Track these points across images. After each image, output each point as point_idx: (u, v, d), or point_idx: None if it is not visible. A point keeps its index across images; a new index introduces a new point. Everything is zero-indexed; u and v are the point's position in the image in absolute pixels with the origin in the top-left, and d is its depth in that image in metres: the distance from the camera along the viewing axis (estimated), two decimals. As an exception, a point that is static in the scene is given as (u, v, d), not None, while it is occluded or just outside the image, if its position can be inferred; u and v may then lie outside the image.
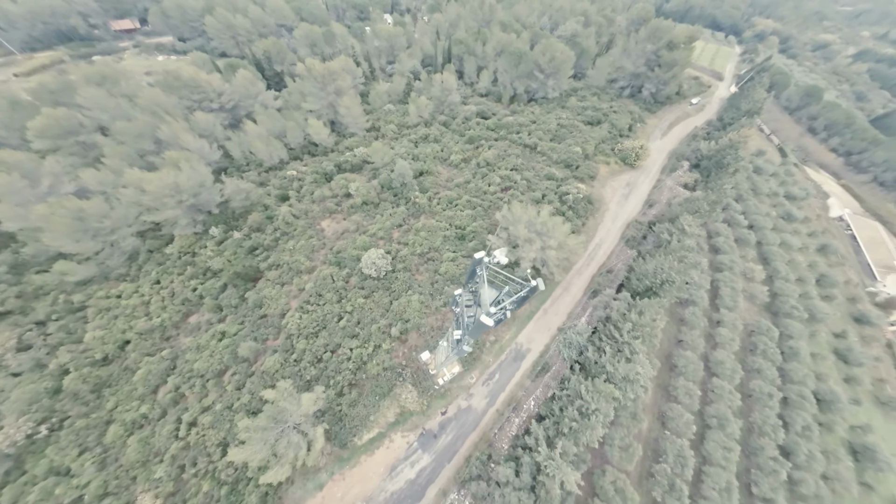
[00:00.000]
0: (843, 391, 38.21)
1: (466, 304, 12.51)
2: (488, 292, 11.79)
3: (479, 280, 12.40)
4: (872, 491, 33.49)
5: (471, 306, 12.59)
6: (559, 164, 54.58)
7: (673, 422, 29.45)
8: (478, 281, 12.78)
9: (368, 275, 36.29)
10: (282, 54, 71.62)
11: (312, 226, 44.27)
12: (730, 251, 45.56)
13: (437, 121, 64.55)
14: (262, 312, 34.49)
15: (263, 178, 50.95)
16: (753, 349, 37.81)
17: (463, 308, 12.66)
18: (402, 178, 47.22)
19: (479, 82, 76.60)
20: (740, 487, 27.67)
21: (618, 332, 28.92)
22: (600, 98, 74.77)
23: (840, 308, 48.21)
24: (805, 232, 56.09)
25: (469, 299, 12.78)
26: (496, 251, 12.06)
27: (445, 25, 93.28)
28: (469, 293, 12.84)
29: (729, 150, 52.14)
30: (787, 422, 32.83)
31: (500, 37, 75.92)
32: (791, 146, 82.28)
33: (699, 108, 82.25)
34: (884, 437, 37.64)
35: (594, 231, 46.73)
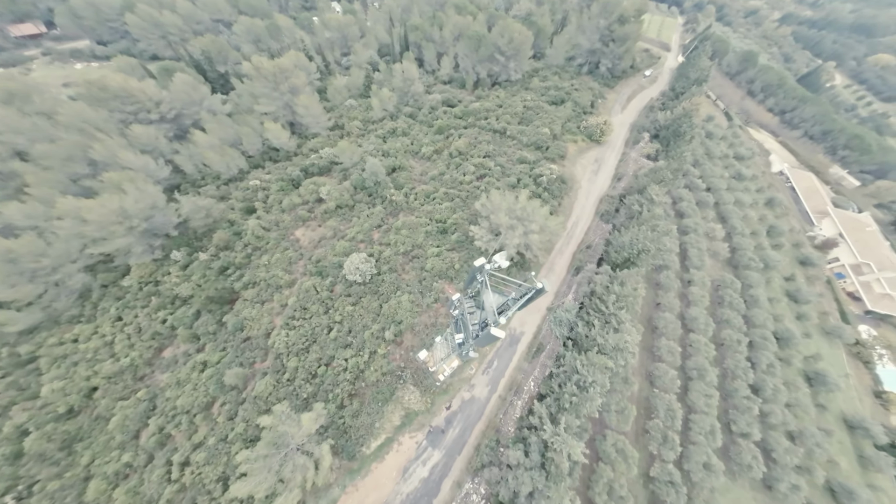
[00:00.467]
0: (796, 328, 42.99)
1: (469, 311, 12.28)
2: (492, 298, 11.59)
3: (482, 286, 12.19)
4: (826, 410, 38.46)
5: (473, 312, 12.37)
6: (530, 147, 55.12)
7: (660, 379, 31.77)
8: (479, 287, 12.58)
9: (353, 281, 35.17)
10: (223, 53, 65.53)
11: (286, 237, 41.93)
12: (693, 214, 48.82)
13: (403, 113, 62.57)
14: (245, 335, 32.57)
15: (224, 192, 47.21)
16: (721, 302, 41.30)
17: (465, 314, 12.44)
18: (375, 177, 45.63)
19: (440, 69, 74.75)
20: (721, 428, 30.62)
21: (603, 305, 30.32)
22: (561, 77, 75.71)
23: (788, 254, 53.66)
24: (754, 189, 61.21)
25: (471, 305, 12.55)
26: (496, 256, 11.90)
27: (398, 11, 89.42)
28: (469, 298, 12.60)
29: (684, 118, 55.08)
30: (754, 362, 36.50)
31: (456, 20, 74.00)
32: (735, 109, 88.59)
33: (652, 79, 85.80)
34: (830, 362, 43.07)
35: (570, 209, 48.11)
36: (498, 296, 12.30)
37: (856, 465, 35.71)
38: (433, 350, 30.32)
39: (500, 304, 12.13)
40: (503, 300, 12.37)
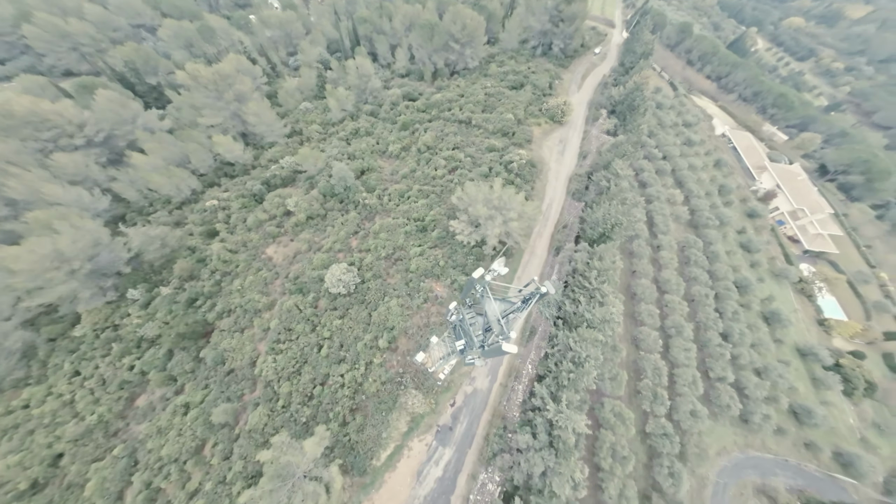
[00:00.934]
0: (751, 275, 47.62)
1: (470, 322, 12.04)
2: (495, 306, 11.39)
3: (482, 296, 11.94)
4: (783, 343, 43.30)
5: (474, 323, 12.14)
6: (497, 134, 55.32)
7: (644, 342, 33.99)
8: (477, 296, 12.32)
9: (338, 293, 33.88)
10: (151, 62, 58.89)
11: (256, 257, 39.36)
12: (654, 183, 51.86)
13: (364, 112, 60.16)
14: (228, 368, 30.49)
15: (178, 217, 43.21)
16: (687, 261, 44.65)
17: (465, 323, 12.19)
18: (344, 182, 43.74)
19: (395, 62, 72.34)
20: (701, 376, 33.53)
21: (586, 281, 31.62)
22: (517, 60, 76.13)
23: (737, 209, 58.90)
24: (703, 152, 66.05)
25: (471, 315, 12.31)
26: (494, 264, 11.70)
27: (343, 4, 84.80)
28: (468, 307, 12.35)
29: (636, 92, 57.73)
30: (721, 312, 40.08)
31: (405, 10, 71.55)
32: (678, 79, 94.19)
33: (602, 56, 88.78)
34: (781, 301, 48.34)
35: (543, 192, 49.23)
36: (500, 302, 12.13)
37: (810, 387, 40.78)
38: (430, 350, 30.16)
39: (503, 310, 12.01)
40: (505, 307, 12.24)
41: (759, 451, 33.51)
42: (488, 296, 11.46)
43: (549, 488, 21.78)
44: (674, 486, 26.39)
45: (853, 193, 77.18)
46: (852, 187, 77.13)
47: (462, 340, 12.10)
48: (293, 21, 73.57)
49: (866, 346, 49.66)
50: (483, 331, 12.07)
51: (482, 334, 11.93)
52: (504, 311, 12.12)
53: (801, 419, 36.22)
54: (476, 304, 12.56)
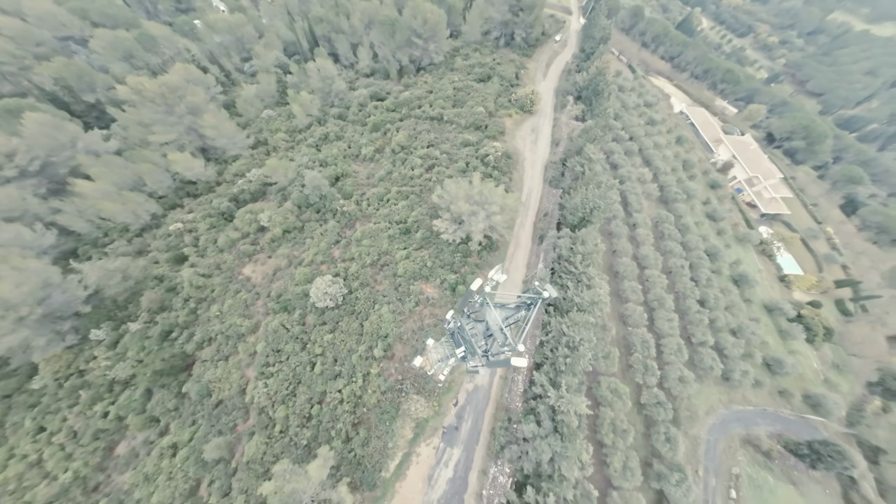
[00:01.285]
0: (719, 242, 50.89)
1: (472, 333, 11.73)
2: (496, 314, 11.10)
3: (482, 307, 11.63)
4: (751, 302, 46.69)
5: (476, 333, 11.83)
6: (470, 128, 55.17)
7: (631, 318, 35.49)
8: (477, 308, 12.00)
9: (325, 307, 32.71)
10: (86, 78, 53.55)
11: (233, 278, 37.22)
12: (625, 164, 53.85)
13: (331, 115, 58.02)
14: (215, 400, 28.77)
15: (139, 245, 39.98)
16: (662, 236, 46.92)
17: (465, 332, 11.89)
18: (319, 190, 42.09)
19: (358, 62, 70.16)
20: (685, 343, 35.52)
21: (572, 266, 32.43)
22: (482, 52, 76.07)
23: (700, 182, 62.45)
24: (665, 130, 69.34)
25: (471, 324, 12.01)
26: (492, 273, 11.45)
27: (296, 3, 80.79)
28: (466, 316, 12.06)
29: (599, 77, 59.38)
30: (696, 280, 42.56)
31: (363, 6, 69.29)
32: (635, 61, 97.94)
33: (563, 43, 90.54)
34: (747, 263, 52.08)
35: (521, 183, 49.82)
36: (500, 309, 11.87)
37: (778, 339, 44.41)
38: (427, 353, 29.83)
39: (505, 317, 11.80)
40: (507, 313, 12.03)
41: (741, 405, 36.18)
42: (488, 304, 11.20)
43: (558, 472, 22.37)
44: (671, 451, 27.94)
45: (797, 157, 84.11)
46: (796, 152, 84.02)
47: (462, 347, 11.82)
48: (243, 24, 69.25)
49: (821, 295, 54.71)
50: (484, 337, 11.81)
51: (484, 341, 11.66)
52: (506, 318, 11.93)
53: (773, 370, 39.41)
54: (475, 311, 12.28)
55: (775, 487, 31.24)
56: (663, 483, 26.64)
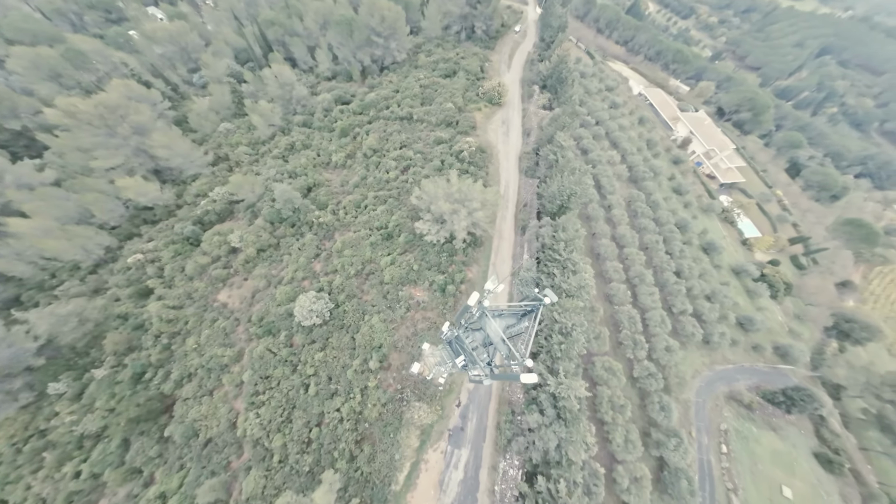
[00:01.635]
0: (687, 214, 53.91)
1: (472, 346, 11.33)
2: (496, 325, 10.72)
3: (481, 319, 11.20)
4: (720, 268, 49.88)
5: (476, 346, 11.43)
6: (441, 126, 54.62)
7: (616, 296, 36.83)
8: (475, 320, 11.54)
9: (312, 324, 31.35)
10: (6, 103, 47.72)
11: (208, 307, 34.82)
12: (594, 148, 55.51)
13: (295, 123, 55.41)
14: (203, 439, 26.89)
15: (95, 284, 36.46)
16: (635, 214, 48.93)
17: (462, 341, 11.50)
18: (291, 204, 40.12)
19: (318, 65, 67.38)
20: (666, 314, 37.38)
21: (556, 254, 33.04)
22: (444, 48, 75.39)
23: (664, 159, 65.70)
24: (627, 112, 72.10)
25: (471, 337, 11.61)
26: (488, 284, 11.07)
27: (242, 6, 76.06)
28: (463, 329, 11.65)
29: (561, 65, 60.59)
30: (670, 253, 44.81)
31: (316, 6, 66.37)
32: (593, 47, 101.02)
33: (523, 34, 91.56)
34: (713, 231, 55.58)
35: (498, 176, 50.06)
36: (500, 318, 11.54)
37: (747, 299, 47.89)
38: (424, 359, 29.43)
39: (506, 326, 11.50)
40: (508, 322, 11.74)
41: (721, 364, 38.74)
42: (486, 316, 10.84)
43: (566, 458, 22.87)
44: (666, 418, 29.40)
45: (745, 128, 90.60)
46: (744, 123, 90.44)
47: (462, 357, 11.47)
48: (186, 32, 64.25)
49: (778, 253, 59.50)
50: (485, 346, 11.49)
51: (486, 353, 11.31)
52: (507, 327, 11.66)
53: (745, 328, 42.45)
54: (473, 323, 11.93)
55: (759, 436, 33.81)
56: (662, 449, 28.01)
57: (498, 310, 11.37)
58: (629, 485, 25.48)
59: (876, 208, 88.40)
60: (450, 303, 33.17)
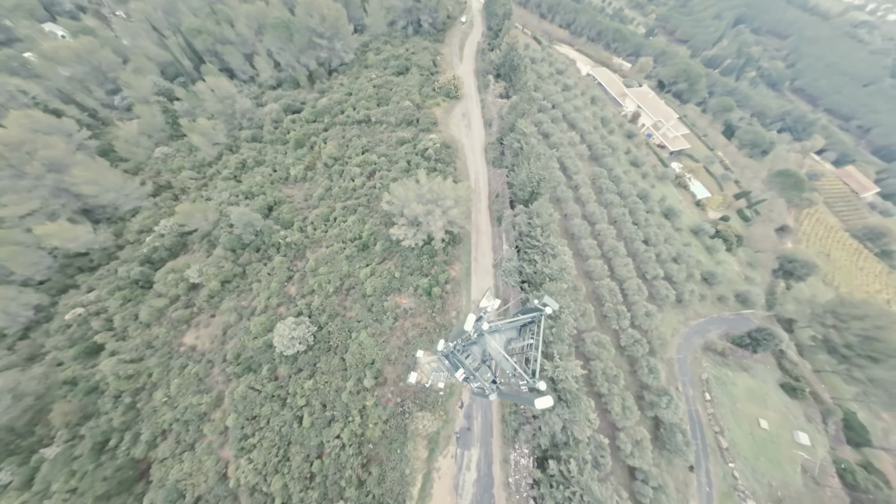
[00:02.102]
0: (646, 184, 57.25)
1: (474, 368, 10.64)
2: (497, 343, 9.96)
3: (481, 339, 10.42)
4: (681, 230, 53.62)
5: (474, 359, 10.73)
6: (401, 125, 53.13)
7: (595, 272, 38.29)
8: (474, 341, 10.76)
9: (296, 352, 29.39)
10: None
11: (173, 353, 31.51)
12: (554, 131, 56.94)
13: (243, 139, 51.27)
14: (191, 499, 24.42)
15: (28, 350, 31.69)
16: (601, 191, 51.03)
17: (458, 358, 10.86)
18: (252, 227, 37.12)
19: (259, 73, 62.64)
20: (642, 281, 39.54)
21: (534, 240, 33.52)
22: (392, 45, 73.21)
23: (619, 134, 69.03)
24: (580, 93, 74.74)
25: (471, 358, 10.93)
26: (483, 301, 10.43)
27: (159, 15, 68.52)
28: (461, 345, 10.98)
29: (512, 53, 61.12)
30: (637, 223, 47.37)
31: (246, 10, 61.32)
32: (539, 33, 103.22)
33: (470, 24, 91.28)
34: (670, 197, 59.54)
35: (466, 170, 49.75)
36: (499, 334, 10.86)
37: (707, 255, 52.03)
38: (420, 367, 28.84)
39: (507, 341, 10.94)
40: (508, 336, 11.14)
41: (694, 319, 41.87)
42: (486, 336, 10.09)
43: (572, 438, 23.48)
44: (655, 379, 31.22)
45: (683, 97, 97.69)
46: (682, 93, 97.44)
47: (461, 370, 10.87)
48: (96, 49, 56.61)
49: (727, 210, 65.21)
50: (484, 363, 10.85)
51: (489, 371, 10.64)
52: (508, 341, 11.13)
53: (709, 282, 46.14)
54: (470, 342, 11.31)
55: (734, 378, 37.08)
56: (656, 409, 29.76)
57: (494, 325, 10.70)
58: (632, 449, 26.80)
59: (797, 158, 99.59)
60: (438, 305, 32.59)
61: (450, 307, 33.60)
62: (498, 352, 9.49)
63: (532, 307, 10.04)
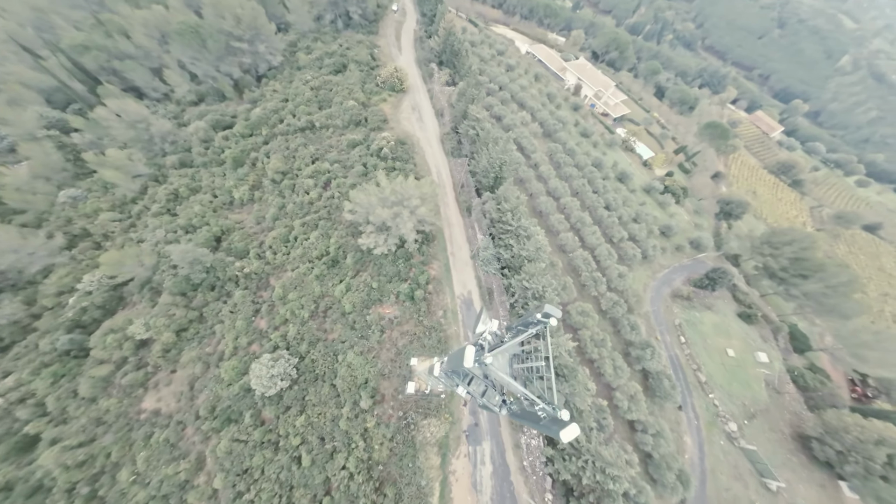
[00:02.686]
0: (597, 153, 59.95)
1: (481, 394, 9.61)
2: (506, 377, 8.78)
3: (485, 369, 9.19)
4: (635, 191, 57.20)
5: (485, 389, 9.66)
6: (350, 127, 49.99)
7: (567, 245, 39.50)
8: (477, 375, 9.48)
9: (280, 390, 26.94)
10: None
11: (132, 424, 27.44)
12: (506, 113, 57.15)
13: (170, 166, 45.12)
14: (189, 579, 21.69)
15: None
16: (559, 165, 52.50)
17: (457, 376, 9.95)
18: (200, 264, 32.97)
19: (174, 89, 55.18)
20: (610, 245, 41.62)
21: (506, 225, 33.52)
22: (324, 41, 68.19)
23: (566, 108, 71.26)
24: (523, 72, 75.66)
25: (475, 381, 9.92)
26: (479, 328, 9.33)
27: (29, 33, 57.17)
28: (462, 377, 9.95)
29: (451, 38, 59.73)
30: (597, 191, 49.56)
31: (141, 17, 53.12)
32: (473, 15, 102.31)
33: (402, 12, 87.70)
34: (621, 162, 63.05)
35: (426, 164, 48.31)
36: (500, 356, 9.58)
37: (661, 210, 56.14)
38: (416, 375, 27.86)
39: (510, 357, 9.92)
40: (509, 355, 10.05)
41: (660, 272, 45.20)
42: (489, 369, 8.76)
43: (575, 409, 24.19)
44: (637, 334, 33.27)
45: (616, 65, 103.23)
46: (614, 61, 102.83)
47: (461, 387, 10.00)
48: (-52, 82, 45.85)
49: (670, 165, 70.68)
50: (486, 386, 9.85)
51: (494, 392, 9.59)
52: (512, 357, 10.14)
53: (667, 235, 49.96)
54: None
55: (701, 318, 40.82)
56: (643, 362, 31.80)
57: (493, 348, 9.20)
58: (629, 405, 28.45)
59: (718, 109, 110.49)
60: (423, 308, 31.59)
61: (435, 307, 32.78)
62: (510, 383, 8.44)
63: (534, 321, 8.98)
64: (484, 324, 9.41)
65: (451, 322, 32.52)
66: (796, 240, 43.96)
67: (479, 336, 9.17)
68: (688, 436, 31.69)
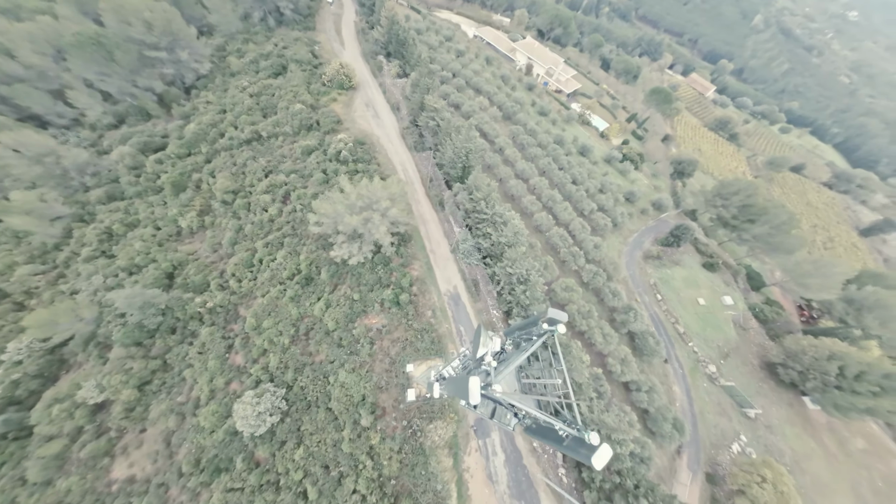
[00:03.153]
0: (557, 130, 60.98)
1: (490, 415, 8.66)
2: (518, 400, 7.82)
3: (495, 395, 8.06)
4: (597, 164, 58.99)
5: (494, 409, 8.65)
6: (301, 133, 46.49)
7: (543, 225, 39.96)
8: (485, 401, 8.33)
9: (270, 426, 24.94)
10: None
11: (104, 502, 24.17)
12: (463, 100, 56.02)
13: (95, 201, 39.44)
14: None
15: None
16: (523, 147, 52.69)
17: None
18: (152, 306, 29.31)
19: (84, 112, 47.93)
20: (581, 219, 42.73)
21: (482, 214, 33.03)
22: (256, 42, 62.46)
23: (521, 89, 71.45)
24: (474, 56, 74.50)
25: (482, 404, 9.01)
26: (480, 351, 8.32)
27: None
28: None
29: (395, 27, 56.96)
30: (563, 168, 50.48)
31: (24, 30, 45.02)
32: (415, 1, 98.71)
33: (339, 4, 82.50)
34: (579, 136, 64.70)
35: (390, 162, 46.32)
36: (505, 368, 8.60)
37: (622, 178, 58.61)
38: (415, 381, 26.99)
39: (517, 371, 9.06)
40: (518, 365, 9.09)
41: (630, 236, 47.38)
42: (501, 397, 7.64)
43: (574, 384, 24.69)
44: (619, 300, 34.68)
45: (562, 42, 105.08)
46: (560, 38, 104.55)
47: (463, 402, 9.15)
48: None
49: (624, 134, 73.77)
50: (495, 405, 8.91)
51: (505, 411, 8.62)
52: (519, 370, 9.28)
53: (631, 201, 52.33)
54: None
55: (672, 274, 43.52)
56: (628, 325, 33.29)
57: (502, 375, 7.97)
58: (621, 367, 29.71)
59: (658, 76, 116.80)
60: (410, 311, 30.55)
61: (423, 308, 31.86)
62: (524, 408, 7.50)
63: (540, 331, 8.07)
64: (485, 345, 8.56)
65: (442, 320, 31.83)
66: (741, 189, 47.88)
67: (481, 360, 8.33)
68: (676, 385, 33.94)
